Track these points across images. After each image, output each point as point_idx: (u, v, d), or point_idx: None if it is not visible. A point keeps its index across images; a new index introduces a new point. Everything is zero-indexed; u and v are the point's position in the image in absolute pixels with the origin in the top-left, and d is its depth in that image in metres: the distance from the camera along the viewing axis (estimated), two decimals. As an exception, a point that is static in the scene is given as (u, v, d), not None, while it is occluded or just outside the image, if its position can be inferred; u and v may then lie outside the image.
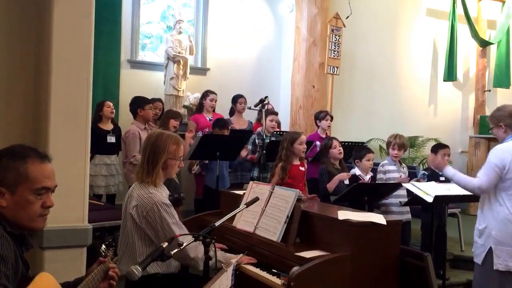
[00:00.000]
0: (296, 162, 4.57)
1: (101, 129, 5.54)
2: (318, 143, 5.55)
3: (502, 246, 3.18)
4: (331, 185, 4.67)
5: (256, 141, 5.58)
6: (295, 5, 7.43)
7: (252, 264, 2.90)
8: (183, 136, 5.48)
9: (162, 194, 2.75)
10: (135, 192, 2.73)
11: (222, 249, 3.15)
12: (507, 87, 8.81)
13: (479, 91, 8.94)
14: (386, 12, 8.21)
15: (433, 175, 4.90)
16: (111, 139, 5.60)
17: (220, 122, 5.57)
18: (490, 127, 3.54)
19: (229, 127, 5.65)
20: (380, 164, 5.03)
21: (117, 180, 5.66)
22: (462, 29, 8.61)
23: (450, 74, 8.52)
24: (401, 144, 4.94)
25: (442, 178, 4.90)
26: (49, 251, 2.76)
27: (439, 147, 5.08)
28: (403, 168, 5.04)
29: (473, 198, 3.76)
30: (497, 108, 3.51)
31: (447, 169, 3.56)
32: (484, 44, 8.78)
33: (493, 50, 8.99)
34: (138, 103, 5.37)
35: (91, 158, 5.38)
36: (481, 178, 3.28)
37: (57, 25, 2.83)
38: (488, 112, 8.73)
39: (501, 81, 8.83)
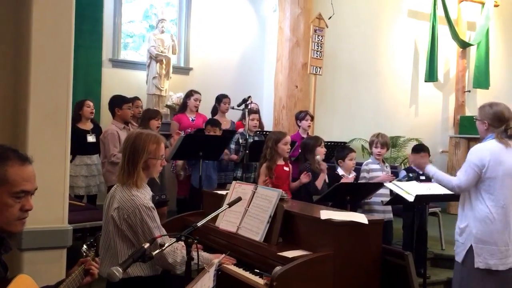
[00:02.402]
0: (281, 162, 4.57)
1: (80, 129, 5.47)
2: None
3: (482, 244, 3.22)
4: (319, 183, 4.70)
5: (240, 140, 5.58)
6: (278, 5, 7.44)
7: (234, 263, 2.90)
8: (167, 137, 5.46)
9: (145, 196, 2.71)
10: (117, 194, 2.69)
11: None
12: (487, 88, 8.95)
13: (459, 92, 9.05)
14: (368, 13, 8.28)
15: (415, 177, 4.98)
16: (91, 138, 5.54)
17: (213, 121, 5.59)
18: (476, 117, 3.52)
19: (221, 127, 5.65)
20: (364, 163, 5.07)
21: (98, 180, 5.59)
22: (443, 30, 8.73)
23: (431, 75, 8.62)
24: (383, 143, 4.98)
25: (422, 178, 4.96)
26: (28, 253, 2.71)
27: (419, 149, 5.13)
28: (386, 167, 5.08)
29: (454, 197, 3.79)
30: (490, 104, 3.43)
31: (428, 167, 3.61)
32: (464, 45, 8.90)
33: (473, 51, 9.13)
34: (116, 103, 5.30)
35: (72, 158, 5.31)
36: (460, 178, 3.32)
37: (37, 23, 2.78)
38: (468, 112, 8.86)
39: (480, 82, 8.97)
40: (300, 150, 5.17)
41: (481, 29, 8.89)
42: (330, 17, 7.35)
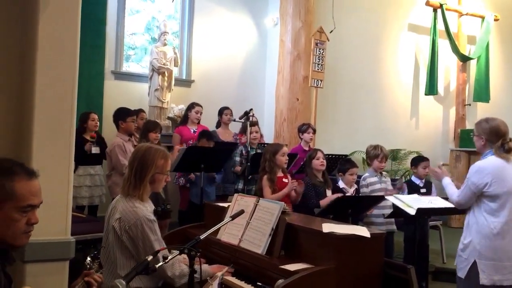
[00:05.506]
0: (280, 174, 4.58)
1: (85, 139, 5.50)
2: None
3: (486, 260, 3.19)
4: (324, 202, 4.66)
5: (243, 152, 5.60)
6: (280, 19, 7.50)
7: (236, 276, 2.89)
8: (169, 148, 5.48)
9: (147, 208, 2.73)
10: (120, 205, 2.71)
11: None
12: (487, 101, 8.99)
13: (459, 105, 9.09)
14: (369, 26, 8.34)
15: (414, 186, 5.01)
16: (95, 149, 5.56)
17: (207, 133, 5.57)
18: (473, 134, 3.55)
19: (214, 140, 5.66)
20: (362, 178, 5.06)
21: (101, 191, 5.62)
22: (443, 44, 8.79)
23: (431, 88, 8.66)
24: (387, 155, 5.01)
25: (423, 191, 4.98)
26: (31, 265, 2.71)
27: (419, 160, 5.17)
28: (384, 177, 5.08)
29: (455, 211, 3.80)
30: (486, 119, 3.46)
31: (445, 179, 3.68)
32: (464, 59, 8.95)
33: (473, 65, 9.18)
34: (119, 115, 5.35)
35: (75, 169, 5.33)
36: (459, 195, 3.39)
37: (42, 36, 2.81)
38: (468, 125, 8.89)
39: (480, 96, 9.01)
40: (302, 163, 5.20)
41: (481, 43, 8.95)
42: (332, 31, 7.40)
